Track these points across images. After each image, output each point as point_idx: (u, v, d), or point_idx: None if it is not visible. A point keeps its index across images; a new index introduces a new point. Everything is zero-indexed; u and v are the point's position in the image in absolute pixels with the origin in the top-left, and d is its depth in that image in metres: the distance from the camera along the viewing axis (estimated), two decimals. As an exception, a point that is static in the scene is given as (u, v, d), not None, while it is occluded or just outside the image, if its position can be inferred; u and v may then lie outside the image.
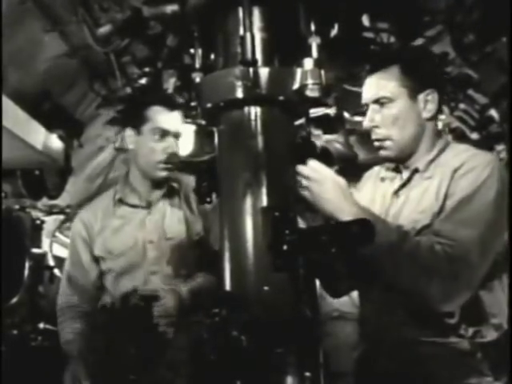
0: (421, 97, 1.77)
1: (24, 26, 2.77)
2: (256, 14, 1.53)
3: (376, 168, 2.01)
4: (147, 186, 2.40)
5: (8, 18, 2.58)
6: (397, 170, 1.89)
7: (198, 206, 2.39)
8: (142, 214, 2.40)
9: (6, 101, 2.80)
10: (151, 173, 2.36)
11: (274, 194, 1.46)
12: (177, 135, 2.34)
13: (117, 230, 2.38)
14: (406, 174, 1.84)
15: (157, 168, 2.32)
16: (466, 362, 1.66)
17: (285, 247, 1.36)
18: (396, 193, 1.85)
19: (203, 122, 1.61)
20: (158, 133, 2.31)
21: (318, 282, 1.87)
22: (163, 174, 2.33)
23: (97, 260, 2.40)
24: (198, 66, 1.66)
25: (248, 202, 1.45)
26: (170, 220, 2.40)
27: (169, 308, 2.19)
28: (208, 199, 1.57)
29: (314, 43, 1.55)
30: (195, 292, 2.30)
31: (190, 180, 2.36)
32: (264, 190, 1.45)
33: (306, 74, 1.50)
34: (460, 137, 3.72)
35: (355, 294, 2.01)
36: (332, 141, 1.87)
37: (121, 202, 2.42)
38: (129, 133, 2.39)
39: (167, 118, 2.33)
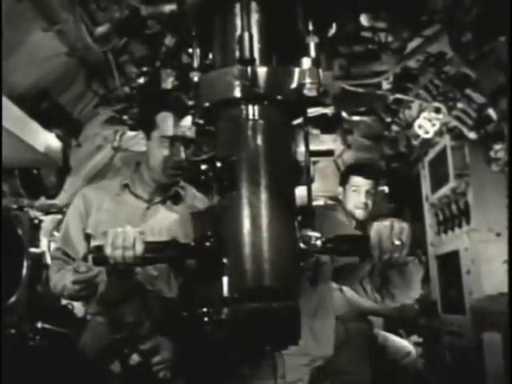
0: None
1: (22, 25, 2.76)
2: (254, 13, 1.54)
3: None
4: (155, 184, 2.44)
5: (6, 17, 2.58)
6: None
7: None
8: (142, 207, 2.42)
9: (4, 100, 2.79)
10: (158, 177, 2.40)
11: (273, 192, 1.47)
12: (185, 140, 2.34)
13: (112, 213, 2.39)
14: None
15: (163, 174, 2.37)
16: None
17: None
18: None
19: (201, 121, 1.61)
20: (165, 140, 2.33)
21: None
22: (169, 180, 2.39)
23: (87, 237, 2.40)
24: (196, 65, 1.66)
25: (247, 201, 1.45)
26: (168, 221, 2.39)
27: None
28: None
29: (312, 42, 1.55)
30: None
31: (194, 191, 2.45)
32: (263, 189, 1.46)
33: (304, 74, 1.50)
34: (458, 136, 3.72)
35: (351, 293, 2.01)
36: None
37: (126, 187, 2.47)
38: (141, 135, 2.45)
39: (175, 125, 2.33)
